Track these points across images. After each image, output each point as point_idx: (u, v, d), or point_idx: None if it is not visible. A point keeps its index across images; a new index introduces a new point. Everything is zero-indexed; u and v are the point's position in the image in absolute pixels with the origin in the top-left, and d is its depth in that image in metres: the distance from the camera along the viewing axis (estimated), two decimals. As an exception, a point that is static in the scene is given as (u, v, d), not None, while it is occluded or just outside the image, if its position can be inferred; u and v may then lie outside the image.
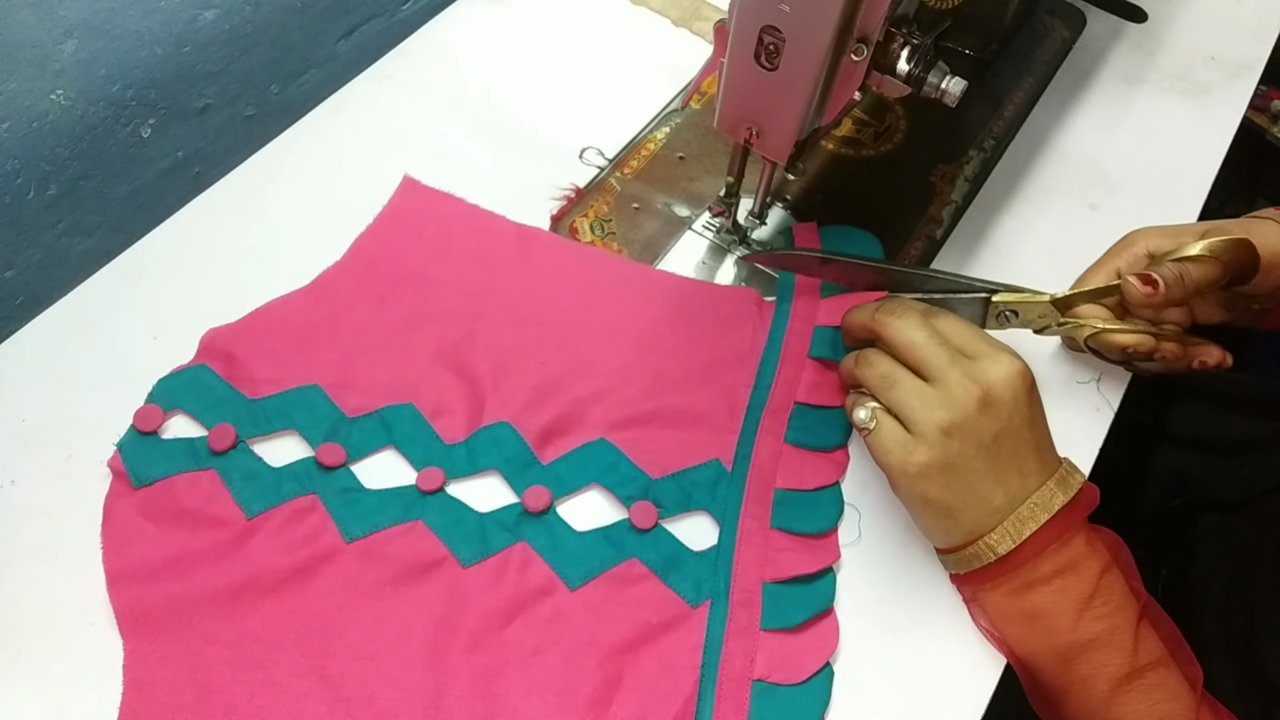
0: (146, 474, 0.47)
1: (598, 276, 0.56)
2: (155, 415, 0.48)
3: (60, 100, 0.56)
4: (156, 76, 0.60)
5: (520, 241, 0.57)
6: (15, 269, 0.60)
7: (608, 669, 0.44)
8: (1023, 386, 0.43)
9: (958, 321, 0.45)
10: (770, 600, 0.45)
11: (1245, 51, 0.73)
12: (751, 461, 0.49)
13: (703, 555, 0.47)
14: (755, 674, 0.44)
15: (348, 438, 0.49)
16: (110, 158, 0.60)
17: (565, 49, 0.68)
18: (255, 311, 0.52)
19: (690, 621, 0.45)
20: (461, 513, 0.47)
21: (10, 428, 0.49)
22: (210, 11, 0.61)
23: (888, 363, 0.45)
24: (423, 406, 0.50)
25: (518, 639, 0.44)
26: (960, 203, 0.62)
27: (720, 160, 0.62)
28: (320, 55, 0.71)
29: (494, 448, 0.49)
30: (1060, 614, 0.42)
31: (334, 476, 0.48)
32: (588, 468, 0.49)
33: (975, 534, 0.43)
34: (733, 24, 0.44)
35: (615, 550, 0.47)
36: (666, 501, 0.48)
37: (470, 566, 0.46)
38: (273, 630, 0.43)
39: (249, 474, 0.47)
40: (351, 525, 0.46)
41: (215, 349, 0.51)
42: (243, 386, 0.50)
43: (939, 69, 0.44)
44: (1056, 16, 0.73)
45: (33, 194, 0.57)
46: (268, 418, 0.49)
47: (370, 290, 0.54)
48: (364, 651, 0.43)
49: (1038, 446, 0.43)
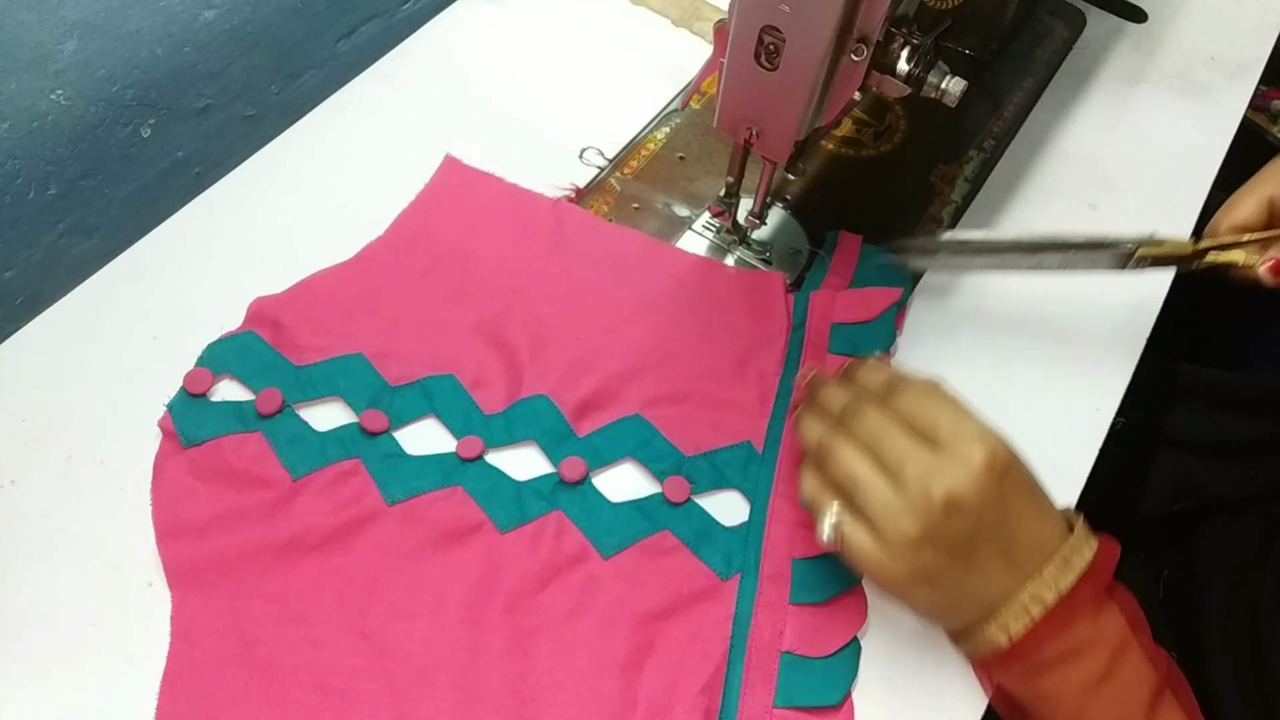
0: (195, 434, 0.48)
1: (633, 255, 0.57)
2: (205, 378, 0.50)
3: (60, 100, 0.56)
4: (157, 76, 0.60)
5: (557, 219, 0.58)
6: (15, 269, 0.60)
7: (639, 635, 0.45)
8: (990, 481, 0.38)
9: (923, 397, 0.41)
10: (800, 576, 0.46)
11: (1245, 51, 0.73)
12: (782, 444, 0.50)
13: (733, 530, 0.48)
14: (784, 646, 0.45)
15: (390, 405, 0.50)
16: (110, 158, 0.60)
17: (565, 49, 0.68)
18: (301, 282, 0.54)
19: (720, 593, 0.46)
20: (500, 480, 0.48)
21: (10, 428, 0.49)
22: (210, 11, 0.61)
23: (846, 459, 0.40)
24: (463, 377, 0.51)
25: (553, 603, 0.45)
26: (960, 203, 0.62)
27: (720, 160, 0.62)
28: (320, 55, 0.71)
29: (532, 419, 0.50)
30: (1067, 699, 0.40)
31: (377, 442, 0.49)
32: (623, 442, 0.50)
33: (971, 626, 0.41)
34: (733, 24, 0.44)
35: (648, 522, 0.48)
36: (699, 478, 0.49)
37: (507, 532, 0.47)
38: (316, 587, 0.45)
39: (295, 437, 0.48)
40: (394, 489, 0.47)
41: (263, 316, 0.52)
42: (289, 353, 0.51)
43: (939, 69, 0.44)
44: (1056, 16, 0.73)
45: (33, 194, 0.57)
46: (313, 384, 0.50)
47: (412, 264, 0.55)
48: (404, 610, 0.45)
49: (1017, 539, 0.40)
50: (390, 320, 0.53)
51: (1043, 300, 0.58)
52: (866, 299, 0.55)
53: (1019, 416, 0.54)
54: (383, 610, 0.44)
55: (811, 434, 0.43)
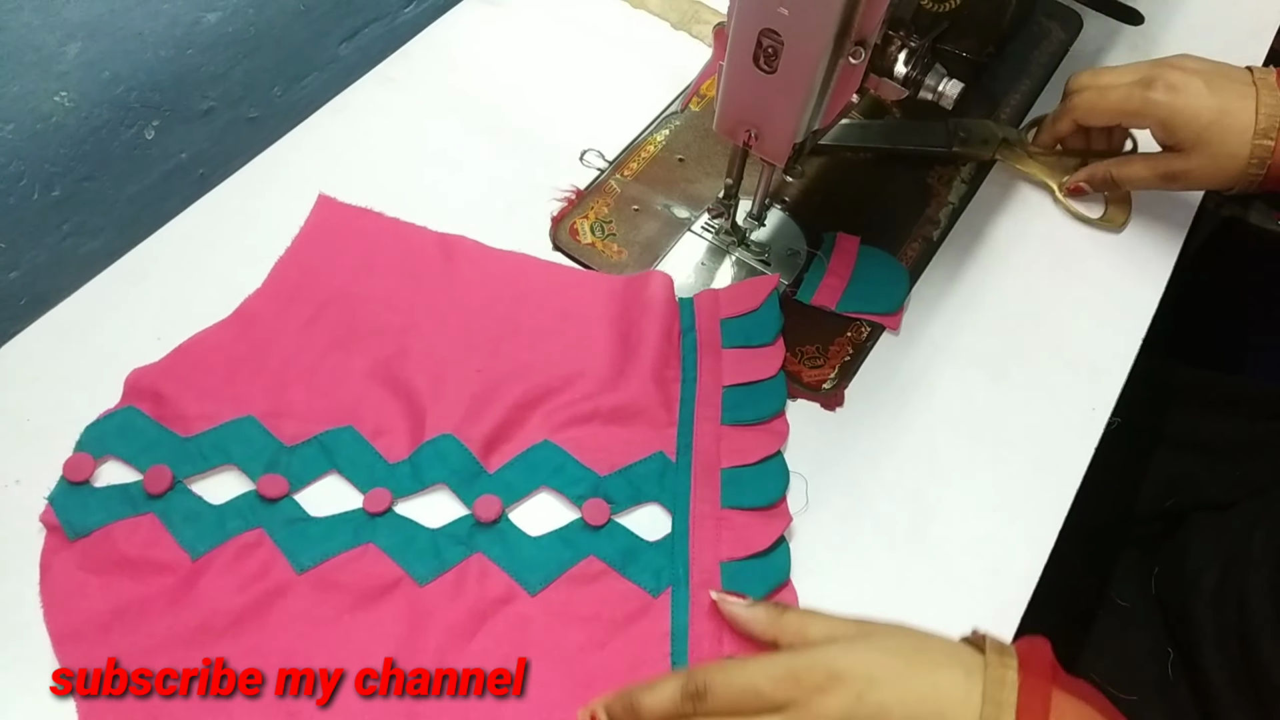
0: (82, 524, 0.45)
1: (523, 280, 0.56)
2: (86, 464, 0.47)
3: (64, 102, 0.56)
4: (160, 79, 0.60)
5: (444, 251, 0.56)
6: (19, 270, 0.60)
7: (578, 672, 0.44)
8: (852, 706, 0.36)
9: (729, 683, 0.38)
10: (729, 579, 0.46)
11: (1242, 52, 0.73)
12: (694, 448, 0.50)
13: (658, 545, 0.48)
14: (724, 652, 0.44)
15: (288, 467, 0.48)
16: (114, 159, 0.61)
17: (566, 52, 0.69)
18: (179, 347, 0.51)
19: (654, 610, 0.46)
20: (413, 531, 0.47)
21: (14, 427, 0.49)
22: (213, 14, 0.62)
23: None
24: (362, 427, 0.49)
25: (484, 650, 0.44)
26: (957, 204, 0.62)
27: (719, 162, 0.63)
28: (323, 58, 0.71)
29: (439, 461, 0.48)
30: None
31: (278, 508, 0.47)
32: (535, 472, 0.49)
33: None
34: (731, 27, 0.44)
35: (571, 550, 0.47)
36: (617, 497, 0.49)
37: (427, 584, 0.45)
38: (230, 673, 0.42)
39: (190, 514, 0.46)
40: (301, 556, 0.45)
41: (142, 389, 0.49)
42: (174, 425, 0.48)
43: (936, 71, 0.45)
44: (1053, 19, 0.74)
45: (37, 195, 0.58)
46: (203, 455, 0.48)
47: (295, 314, 0.53)
48: (327, 685, 0.42)
49: (933, 700, 0.37)
50: (278, 376, 0.51)
51: (1042, 300, 0.59)
52: (747, 290, 0.56)
53: (1017, 416, 0.54)
54: (307, 688, 0.42)
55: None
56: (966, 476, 0.52)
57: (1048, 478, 0.52)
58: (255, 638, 0.43)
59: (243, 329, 0.52)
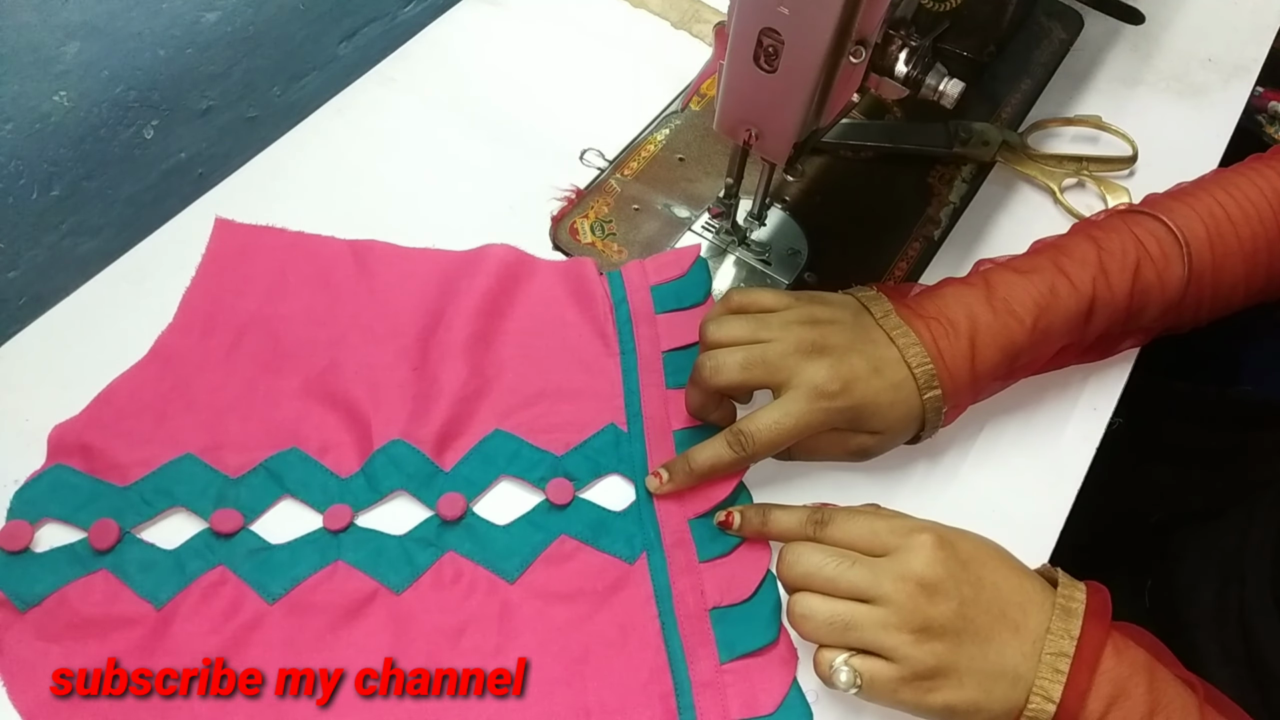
0: (31, 594, 0.43)
1: (445, 271, 0.55)
2: (23, 531, 0.44)
3: (63, 102, 0.56)
4: (159, 78, 0.60)
5: (357, 258, 0.55)
6: (18, 270, 0.60)
7: (572, 648, 0.44)
8: (948, 555, 0.41)
9: (849, 520, 0.43)
10: (700, 534, 0.47)
11: (1242, 53, 0.73)
12: (643, 414, 0.51)
13: (626, 513, 0.48)
14: (708, 604, 0.45)
15: (238, 499, 0.46)
16: (113, 159, 0.61)
17: (566, 51, 0.69)
18: (99, 397, 0.49)
19: (634, 576, 0.47)
20: (380, 541, 0.46)
21: (14, 428, 0.49)
22: (213, 14, 0.61)
23: (825, 606, 0.41)
24: (307, 447, 0.48)
25: (475, 645, 0.44)
26: (958, 204, 0.62)
27: (720, 162, 0.63)
28: (322, 58, 0.71)
29: (393, 468, 0.48)
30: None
31: (236, 541, 0.46)
32: (492, 462, 0.49)
33: (1015, 709, 0.40)
34: (732, 26, 0.44)
35: (542, 533, 0.47)
36: (578, 473, 0.49)
37: (404, 591, 0.45)
38: (219, 715, 0.41)
39: (145, 563, 0.44)
40: (270, 585, 0.44)
41: (67, 444, 0.47)
42: (110, 476, 0.46)
43: (937, 71, 0.44)
44: (1054, 18, 0.74)
45: (36, 195, 0.58)
46: (146, 501, 0.46)
47: (214, 345, 0.51)
48: (320, 712, 0.42)
49: (1005, 599, 0.41)
50: (210, 410, 0.49)
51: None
52: (672, 258, 0.56)
53: (1017, 416, 0.54)
54: (297, 713, 0.42)
55: (799, 608, 0.42)
56: (966, 476, 0.52)
57: (1049, 479, 0.52)
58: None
59: (163, 368, 0.50)
